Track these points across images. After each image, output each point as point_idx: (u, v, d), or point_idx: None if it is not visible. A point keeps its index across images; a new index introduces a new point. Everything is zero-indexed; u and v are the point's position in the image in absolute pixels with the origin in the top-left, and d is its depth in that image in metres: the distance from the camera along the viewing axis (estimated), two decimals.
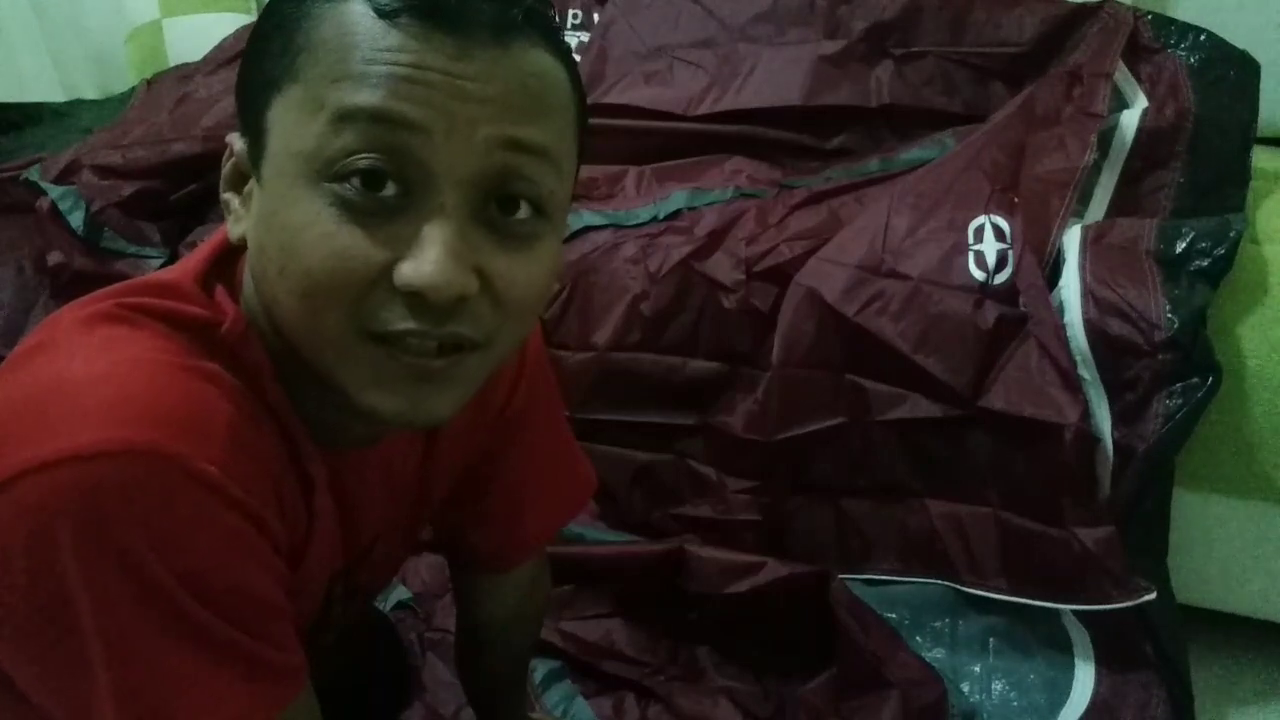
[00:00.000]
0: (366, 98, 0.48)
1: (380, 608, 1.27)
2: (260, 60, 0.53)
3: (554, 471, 0.85)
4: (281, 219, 0.51)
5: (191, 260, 0.59)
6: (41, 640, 0.47)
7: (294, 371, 0.57)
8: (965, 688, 1.14)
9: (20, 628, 0.47)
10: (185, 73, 1.96)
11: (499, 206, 0.52)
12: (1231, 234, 1.10)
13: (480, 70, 0.50)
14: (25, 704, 0.50)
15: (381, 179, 0.49)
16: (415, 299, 0.50)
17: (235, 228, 0.56)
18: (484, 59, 0.50)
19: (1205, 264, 1.09)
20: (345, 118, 0.49)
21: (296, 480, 0.59)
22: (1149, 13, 1.36)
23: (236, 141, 0.56)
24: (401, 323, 0.50)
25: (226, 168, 0.57)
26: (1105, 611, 1.08)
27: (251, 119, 0.53)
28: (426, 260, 0.49)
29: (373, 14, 0.49)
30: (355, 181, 0.49)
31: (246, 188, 0.55)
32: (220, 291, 0.57)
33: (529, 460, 0.82)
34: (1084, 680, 1.14)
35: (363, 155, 0.49)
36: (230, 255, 0.60)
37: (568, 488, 0.88)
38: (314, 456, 0.60)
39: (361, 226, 0.49)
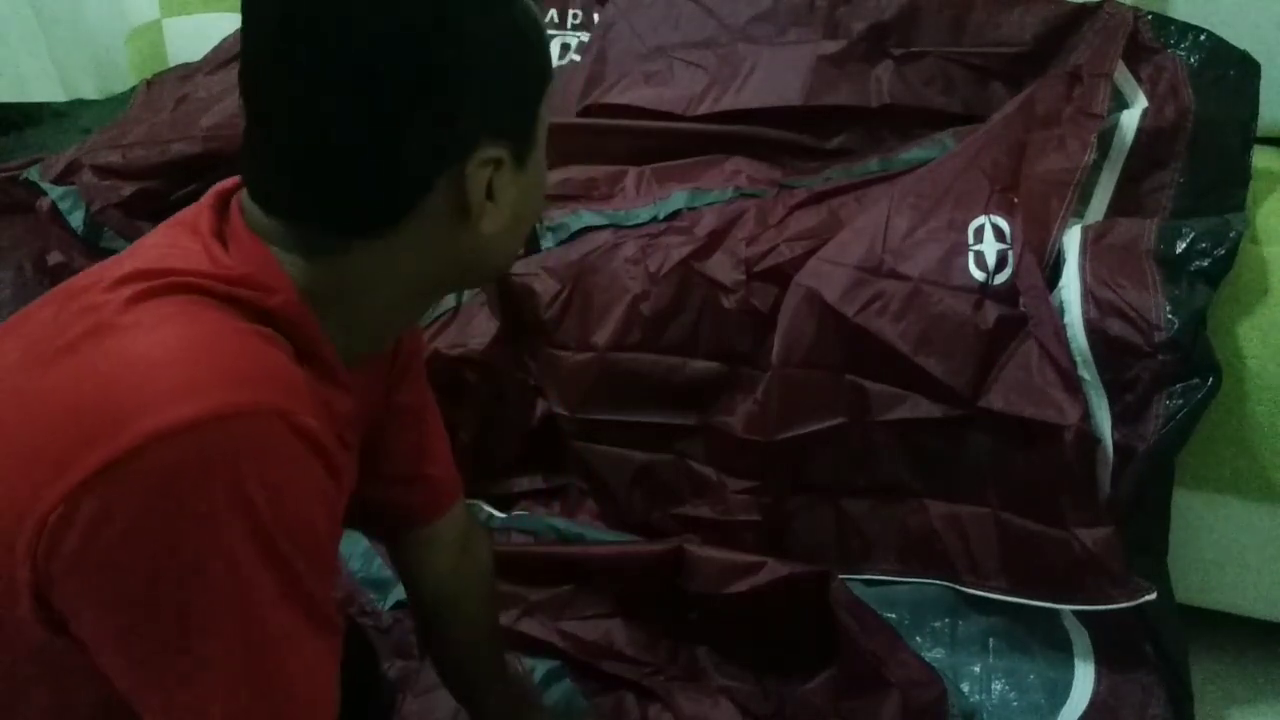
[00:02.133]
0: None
1: (379, 607, 1.28)
2: (528, 62, 0.62)
3: (439, 417, 0.91)
4: (536, 187, 0.67)
5: (201, 246, 0.59)
6: (154, 615, 0.48)
7: (330, 309, 0.60)
8: (965, 688, 1.15)
9: (132, 605, 0.48)
10: (185, 73, 1.96)
11: None
12: (1232, 234, 1.10)
13: None
14: (74, 698, 0.52)
15: None
16: None
17: (492, 223, 0.63)
18: None
19: (1205, 264, 1.09)
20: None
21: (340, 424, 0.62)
22: (1149, 13, 1.36)
23: (500, 153, 0.61)
24: None
25: (486, 176, 0.61)
26: (1105, 611, 1.08)
27: (526, 117, 0.63)
28: None
29: None
30: None
31: (504, 182, 0.62)
32: (261, 269, 0.58)
33: (421, 405, 0.87)
34: (1084, 680, 1.14)
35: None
36: (224, 210, 0.62)
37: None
38: (348, 399, 0.64)
39: None
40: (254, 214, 0.60)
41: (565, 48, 1.68)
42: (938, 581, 1.21)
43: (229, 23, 2.10)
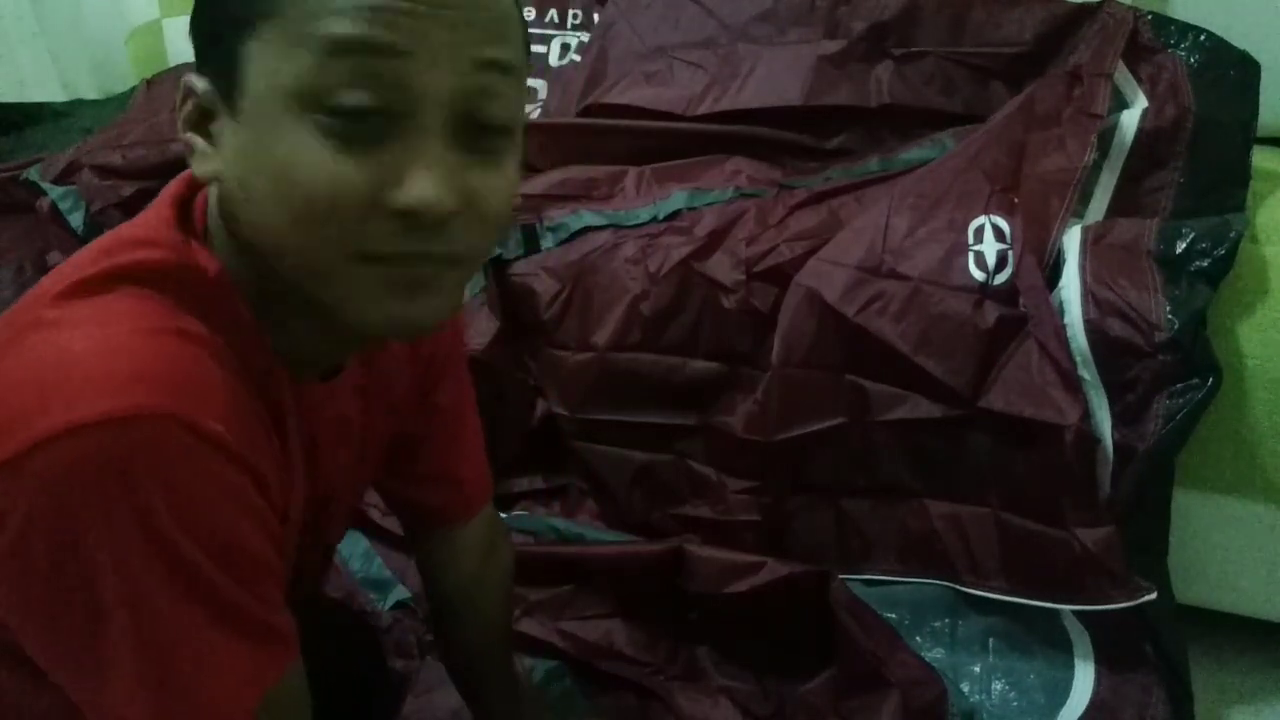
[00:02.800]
0: (354, 29, 0.49)
1: (379, 607, 1.28)
2: (224, 2, 0.53)
3: (477, 419, 0.89)
4: (271, 152, 0.52)
5: (159, 211, 0.59)
6: (63, 612, 0.49)
7: (268, 305, 0.59)
8: (965, 687, 1.15)
9: (40, 600, 0.49)
10: (185, 73, 1.96)
11: (476, 125, 0.54)
12: (1232, 234, 1.10)
13: None
14: (37, 681, 0.52)
15: (369, 106, 0.51)
16: (409, 219, 0.52)
17: (203, 165, 0.56)
18: None
19: (1205, 264, 1.09)
20: (333, 51, 0.50)
21: (273, 424, 0.60)
22: (1149, 13, 1.36)
23: (198, 82, 0.55)
24: (390, 245, 0.53)
25: (187, 108, 0.56)
26: (1105, 611, 1.08)
27: (219, 57, 0.53)
28: (419, 182, 0.51)
29: None
30: (345, 112, 0.50)
31: (214, 125, 0.55)
32: (195, 245, 0.58)
33: (458, 406, 0.86)
34: (1084, 680, 1.14)
35: (351, 89, 0.50)
36: (187, 200, 0.61)
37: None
38: (290, 393, 0.62)
39: (354, 155, 0.51)
40: None
41: (565, 47, 1.68)
42: (938, 581, 1.21)
43: None
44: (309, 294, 0.55)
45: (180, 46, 2.15)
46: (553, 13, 1.70)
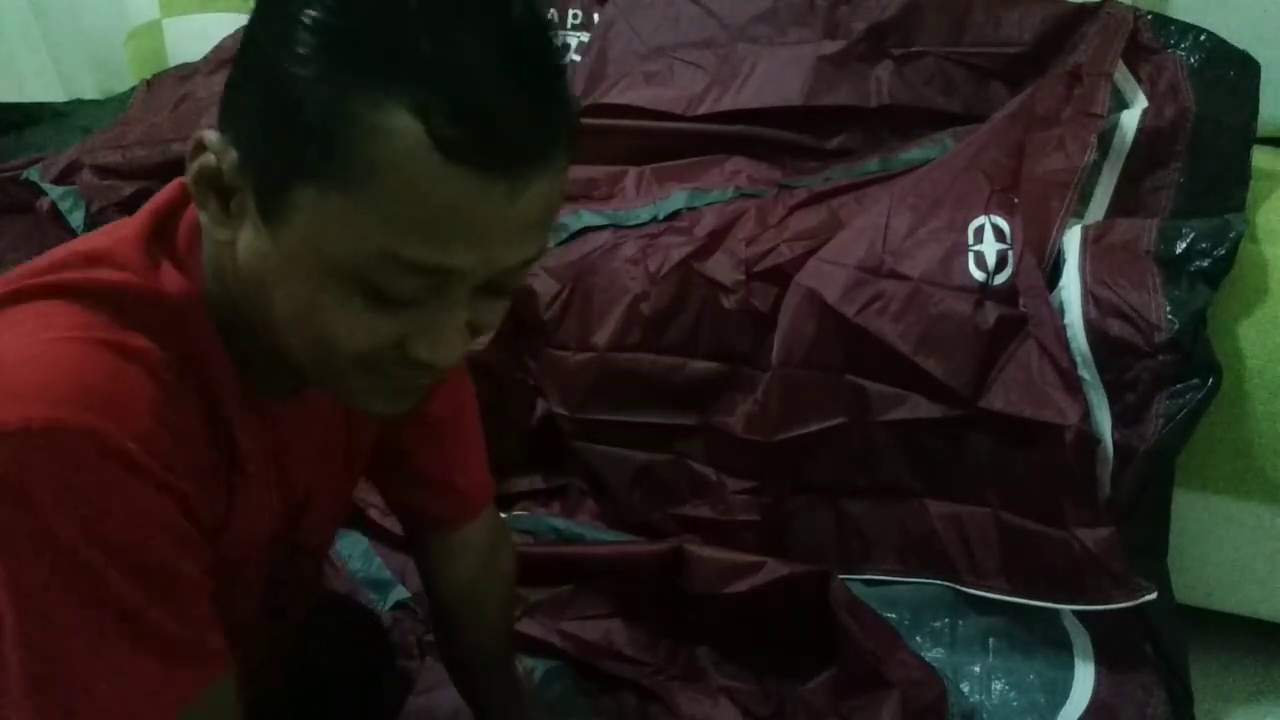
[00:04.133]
0: (426, 256, 0.50)
1: (379, 607, 1.28)
2: (284, 123, 0.49)
3: (477, 425, 0.89)
4: (302, 288, 0.52)
5: (130, 226, 0.59)
6: None
7: (238, 332, 0.59)
8: (965, 687, 1.15)
9: None
10: (185, 73, 1.96)
11: (497, 282, 0.55)
12: (1232, 234, 1.10)
13: (528, 203, 0.51)
14: None
15: (421, 295, 0.53)
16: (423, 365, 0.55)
17: (217, 231, 0.55)
18: (534, 190, 0.50)
19: (1205, 264, 1.09)
20: (398, 262, 0.50)
21: (225, 439, 0.61)
22: (1149, 13, 1.36)
23: (224, 150, 0.53)
24: (406, 372, 0.56)
25: (204, 162, 0.54)
26: (1105, 612, 1.08)
27: (266, 169, 0.51)
28: (443, 345, 0.55)
29: (432, 146, 0.47)
30: (393, 294, 0.52)
31: (235, 202, 0.54)
32: (166, 266, 0.58)
33: (454, 415, 0.85)
34: (1084, 680, 1.14)
35: (404, 282, 0.51)
36: (170, 215, 0.61)
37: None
38: (249, 408, 0.62)
39: (387, 312, 0.53)
40: None
41: (565, 47, 1.68)
42: (938, 582, 1.21)
43: (229, 23, 2.10)
44: (296, 371, 0.58)
45: (180, 46, 2.15)
46: (552, 12, 1.70)
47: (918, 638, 1.19)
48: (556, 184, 0.53)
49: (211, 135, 0.54)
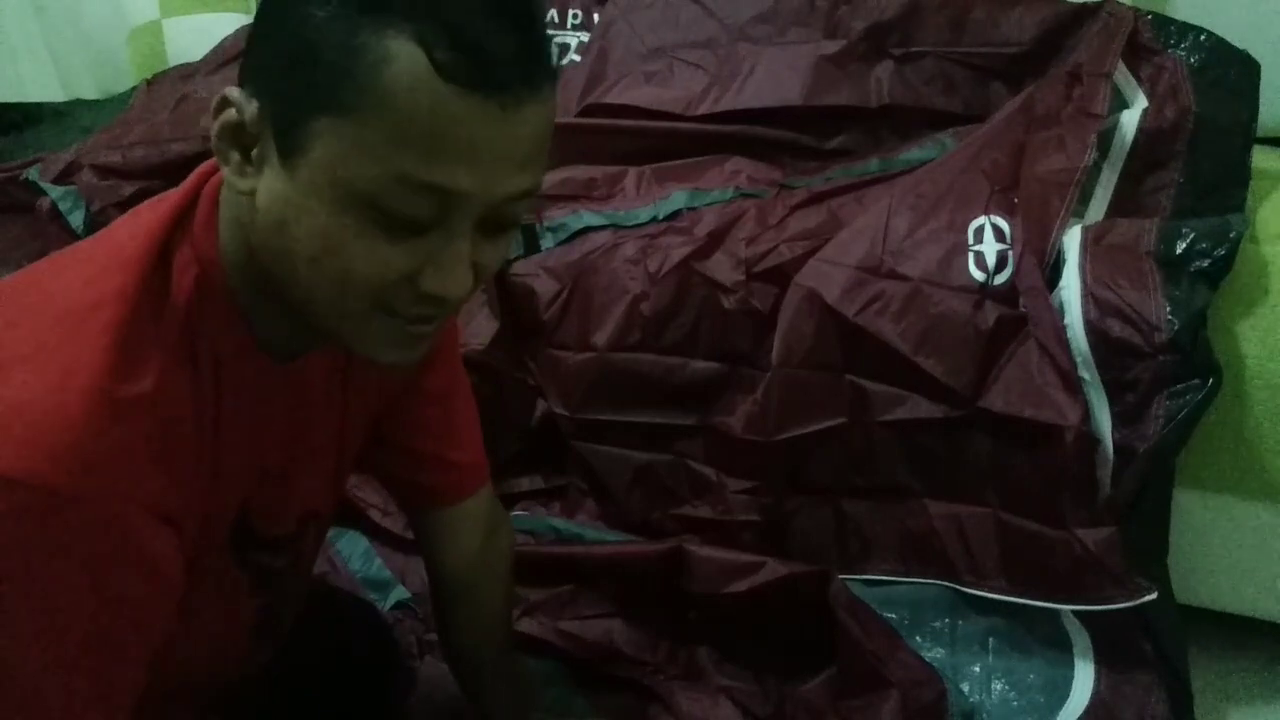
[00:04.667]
0: (430, 174, 0.54)
1: (379, 607, 1.28)
2: (301, 62, 0.54)
3: (471, 402, 0.93)
4: (320, 221, 0.56)
5: (150, 217, 0.62)
6: None
7: (253, 295, 0.63)
8: (965, 687, 1.15)
9: None
10: (185, 72, 1.96)
11: (495, 222, 0.60)
12: (1232, 235, 1.10)
13: (519, 128, 0.56)
14: None
15: (428, 219, 0.57)
16: (433, 298, 0.59)
17: (239, 182, 0.59)
18: (524, 115, 0.55)
19: (1205, 264, 1.09)
20: (405, 182, 0.54)
21: (213, 407, 0.63)
22: (1149, 13, 1.36)
23: (244, 102, 0.57)
24: (415, 308, 0.60)
25: (226, 117, 0.58)
26: (1105, 611, 1.08)
27: (284, 108, 0.56)
28: (451, 277, 0.58)
29: (431, 70, 0.52)
30: (403, 218, 0.56)
31: (256, 151, 0.58)
32: (181, 257, 0.61)
33: (448, 387, 0.90)
34: (1083, 680, 1.14)
35: (417, 206, 0.55)
36: (189, 200, 0.64)
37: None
38: (246, 366, 0.65)
39: (398, 242, 0.57)
40: None
41: (565, 48, 1.68)
42: (937, 582, 1.21)
43: (229, 22, 2.10)
44: (313, 321, 0.62)
45: (180, 46, 2.15)
46: (552, 13, 1.70)
47: (917, 637, 1.19)
48: (545, 114, 0.58)
49: (234, 91, 0.58)
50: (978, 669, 1.16)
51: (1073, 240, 1.16)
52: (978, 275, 1.16)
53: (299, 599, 0.88)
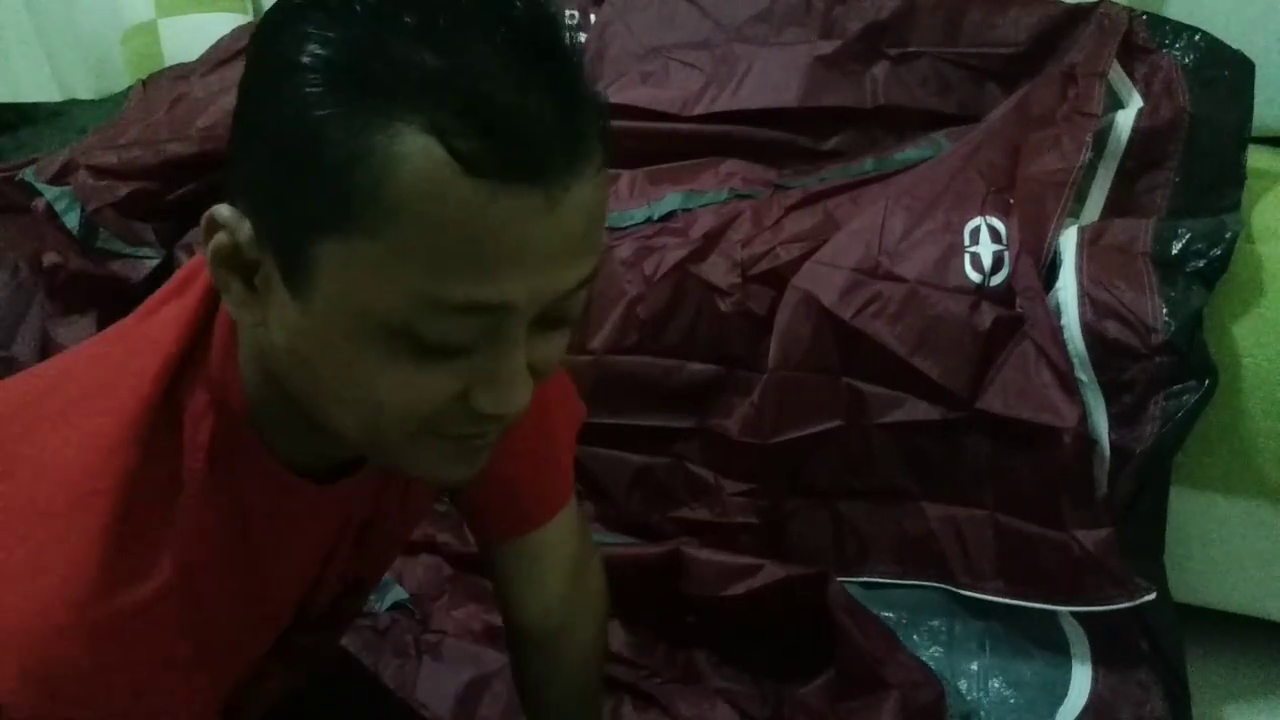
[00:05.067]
0: (467, 291, 0.45)
1: (377, 608, 1.28)
2: (296, 172, 0.45)
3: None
4: (343, 354, 0.48)
5: (152, 360, 0.54)
6: None
7: (279, 421, 0.56)
8: (962, 686, 1.15)
9: None
10: (181, 73, 1.95)
11: (553, 313, 0.51)
12: (1227, 235, 1.10)
13: (571, 215, 0.46)
14: None
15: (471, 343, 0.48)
16: (488, 416, 0.51)
17: (244, 314, 0.51)
18: (571, 202, 0.46)
19: (1201, 265, 1.09)
20: (439, 306, 0.45)
21: (246, 536, 0.57)
22: (1144, 13, 1.36)
23: (234, 221, 0.49)
24: (467, 428, 0.52)
25: (219, 241, 0.49)
26: (1104, 612, 1.09)
27: (280, 231, 0.47)
28: (506, 393, 0.50)
29: (453, 165, 0.43)
30: (444, 346, 0.48)
31: (259, 277, 0.49)
32: (194, 407, 0.54)
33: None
34: (1081, 679, 1.14)
35: (456, 331, 0.47)
36: (205, 317, 0.56)
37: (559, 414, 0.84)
38: (282, 499, 0.59)
39: (438, 365, 0.48)
40: None
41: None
42: (935, 585, 1.21)
43: (225, 22, 2.10)
44: (354, 447, 0.55)
45: (176, 46, 2.15)
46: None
47: (915, 637, 1.19)
48: (598, 189, 0.48)
49: (223, 210, 0.49)
50: (975, 668, 1.17)
51: (1069, 241, 1.16)
52: (974, 276, 1.16)
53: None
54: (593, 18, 1.67)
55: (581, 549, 0.86)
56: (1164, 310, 1.07)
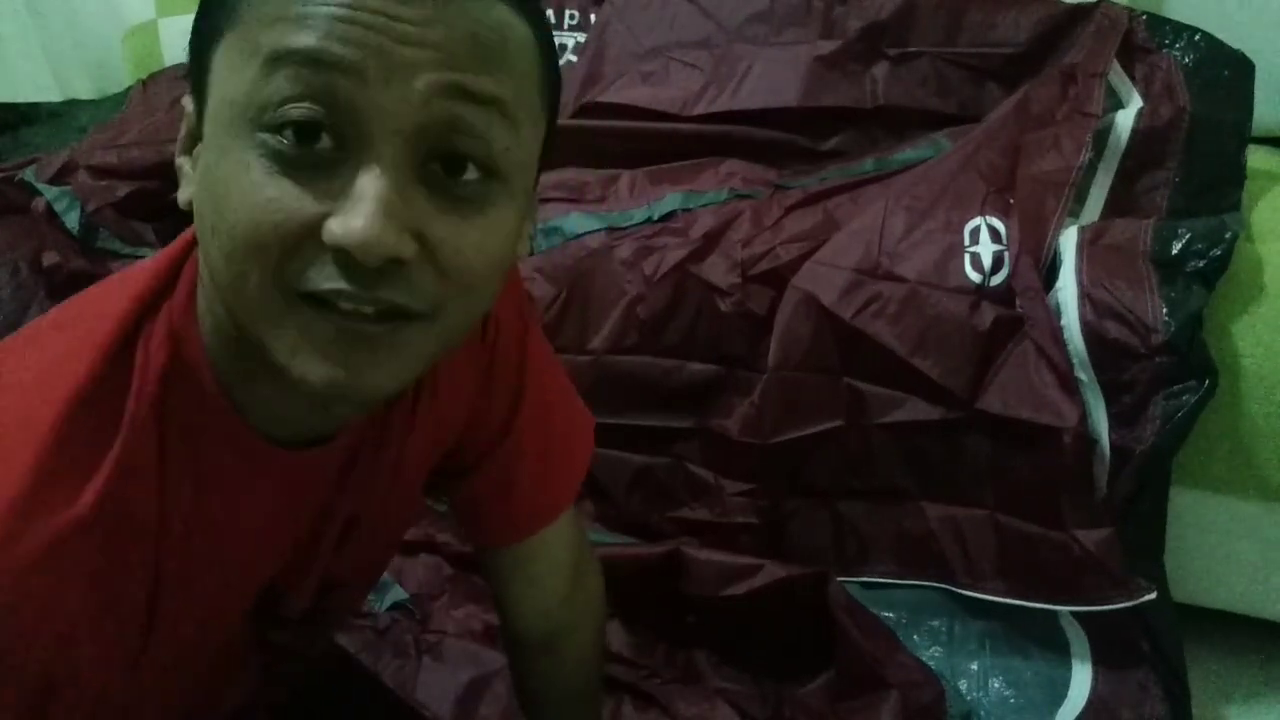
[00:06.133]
0: (299, 39, 0.44)
1: (377, 608, 1.27)
2: (206, 10, 0.49)
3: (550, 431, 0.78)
4: (214, 173, 0.47)
5: (122, 292, 0.54)
6: None
7: (242, 364, 0.53)
8: (962, 685, 1.15)
9: None
10: (181, 73, 1.95)
11: (445, 165, 0.48)
12: (1227, 235, 1.10)
13: (423, 14, 0.45)
14: None
15: (316, 129, 0.45)
16: (346, 258, 0.45)
17: (183, 193, 0.52)
18: (427, 3, 0.45)
19: (1201, 265, 1.09)
20: (277, 60, 0.45)
21: (197, 502, 0.54)
22: (1144, 13, 1.36)
23: (187, 103, 0.52)
24: (330, 282, 0.46)
25: (182, 132, 0.52)
26: (1104, 612, 1.09)
27: (197, 73, 0.49)
28: (356, 215, 0.45)
29: None
30: (288, 131, 0.45)
31: (196, 149, 0.51)
32: (153, 338, 0.53)
33: (533, 422, 0.75)
34: (1081, 678, 1.14)
35: (296, 103, 0.45)
36: (178, 259, 0.56)
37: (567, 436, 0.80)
38: (243, 461, 0.56)
39: (291, 179, 0.45)
40: None
41: (562, 48, 1.68)
42: (935, 585, 1.21)
43: None
44: (257, 345, 0.49)
45: (176, 46, 2.14)
46: (549, 13, 1.70)
47: (915, 637, 1.19)
48: (472, 13, 0.47)
49: (185, 97, 0.52)
50: (975, 667, 1.17)
51: (1069, 241, 1.16)
52: (974, 276, 1.16)
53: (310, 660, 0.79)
54: (593, 18, 1.68)
55: (580, 552, 0.84)
56: (1164, 310, 1.07)
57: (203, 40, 0.49)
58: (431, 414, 0.67)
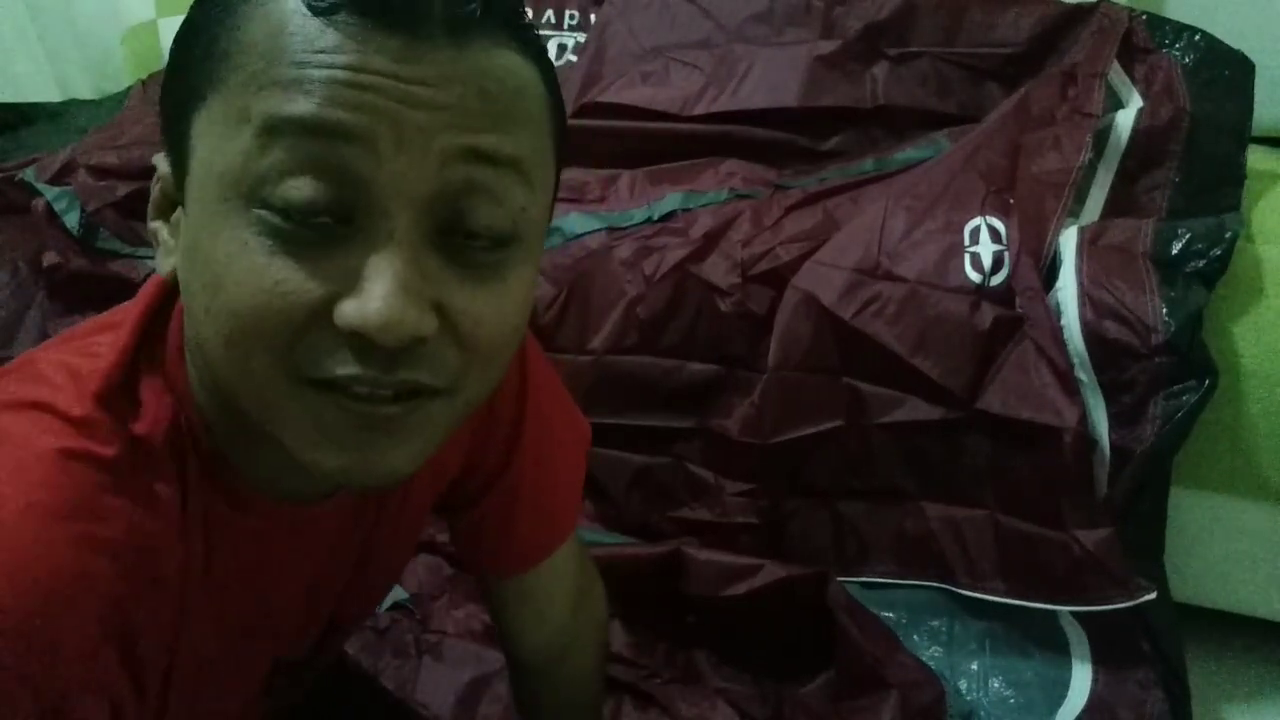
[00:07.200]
0: (296, 106, 0.41)
1: (376, 609, 1.27)
2: (183, 70, 0.45)
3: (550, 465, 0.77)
4: (206, 251, 0.43)
5: (116, 342, 0.51)
6: None
7: (236, 429, 0.51)
8: (962, 685, 1.15)
9: None
10: None
11: (461, 231, 0.45)
12: (1227, 235, 1.10)
13: (432, 73, 0.42)
14: None
15: (319, 204, 0.42)
16: (361, 341, 0.43)
17: (165, 262, 0.48)
18: (436, 60, 0.42)
19: (1201, 265, 1.09)
20: (273, 131, 0.41)
21: (192, 552, 0.51)
22: (1144, 13, 1.36)
23: (161, 163, 0.48)
24: (344, 368, 0.43)
25: (154, 193, 0.49)
26: (1104, 612, 1.09)
27: (175, 137, 0.46)
28: (373, 296, 0.42)
29: (305, 11, 0.41)
30: (289, 208, 0.42)
31: (175, 215, 0.48)
32: (147, 386, 0.50)
33: (535, 460, 0.74)
34: (1081, 679, 1.14)
35: (296, 177, 0.41)
36: (170, 300, 0.53)
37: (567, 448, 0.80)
38: (233, 516, 0.54)
39: (296, 258, 0.42)
40: None
41: (562, 48, 1.68)
42: (935, 584, 1.21)
43: None
44: (262, 426, 0.47)
45: None
46: (549, 13, 1.70)
47: (915, 637, 1.19)
48: (483, 67, 0.44)
49: (159, 160, 0.49)
50: (975, 667, 1.16)
51: (1069, 241, 1.16)
52: (974, 276, 1.16)
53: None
54: (593, 18, 1.67)
55: (581, 575, 0.83)
56: (1164, 310, 1.07)
57: (178, 102, 0.45)
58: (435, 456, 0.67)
